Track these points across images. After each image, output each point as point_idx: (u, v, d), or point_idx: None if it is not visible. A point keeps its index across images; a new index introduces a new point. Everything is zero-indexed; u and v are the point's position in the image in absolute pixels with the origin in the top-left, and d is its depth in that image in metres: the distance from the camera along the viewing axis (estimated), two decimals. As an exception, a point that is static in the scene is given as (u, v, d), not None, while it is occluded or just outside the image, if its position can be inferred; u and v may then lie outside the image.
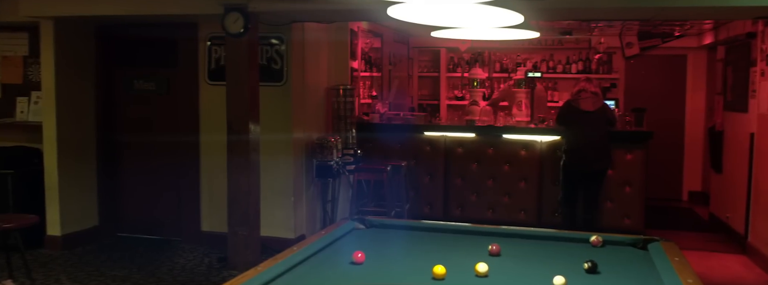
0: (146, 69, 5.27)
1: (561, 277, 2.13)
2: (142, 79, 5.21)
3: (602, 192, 5.37)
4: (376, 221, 3.09)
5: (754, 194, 4.94)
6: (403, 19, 1.68)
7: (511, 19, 1.73)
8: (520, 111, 6.02)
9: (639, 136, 5.50)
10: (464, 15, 1.76)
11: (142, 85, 5.20)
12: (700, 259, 5.07)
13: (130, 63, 5.32)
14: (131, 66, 5.31)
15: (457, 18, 1.82)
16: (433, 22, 1.77)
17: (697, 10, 3.98)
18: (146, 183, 5.34)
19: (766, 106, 4.70)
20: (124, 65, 5.33)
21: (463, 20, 1.83)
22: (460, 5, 1.52)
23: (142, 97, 5.28)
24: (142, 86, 5.21)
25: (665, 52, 7.41)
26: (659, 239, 2.80)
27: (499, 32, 2.19)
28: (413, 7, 1.63)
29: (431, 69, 8.26)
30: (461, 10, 1.67)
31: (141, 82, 5.19)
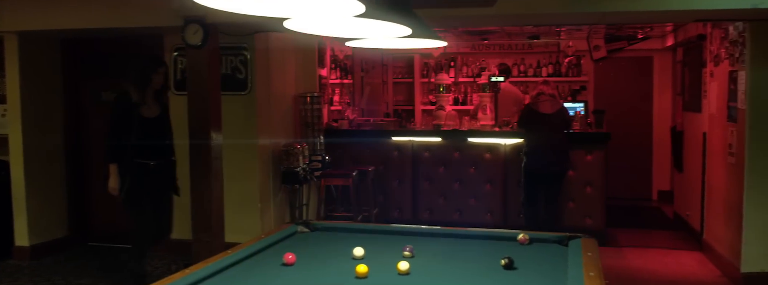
0: (113, 80, 5.38)
1: (405, 262, 2.36)
2: (109, 90, 5.33)
3: (563, 192, 5.49)
4: (319, 224, 3.21)
5: (707, 192, 5.07)
6: (302, 31, 1.80)
7: (398, 31, 1.85)
8: (485, 115, 6.15)
9: (599, 137, 5.62)
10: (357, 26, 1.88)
11: (110, 96, 5.30)
12: (658, 256, 5.19)
13: (97, 74, 5.46)
14: (98, 77, 5.45)
15: (352, 29, 1.94)
16: (331, 33, 1.89)
17: (639, 14, 4.10)
18: (116, 192, 5.45)
19: (716, 106, 4.83)
20: (91, 77, 5.46)
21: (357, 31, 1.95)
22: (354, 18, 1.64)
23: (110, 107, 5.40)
24: (109, 97, 5.32)
25: (632, 54, 7.56)
26: (581, 236, 2.91)
27: (409, 42, 2.31)
28: (311, 20, 1.76)
29: (406, 75, 8.40)
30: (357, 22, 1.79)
31: (108, 93, 5.31)
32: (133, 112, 4.04)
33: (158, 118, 4.20)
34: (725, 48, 4.59)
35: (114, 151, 4.05)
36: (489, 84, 6.18)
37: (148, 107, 4.12)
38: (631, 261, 5.09)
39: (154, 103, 4.17)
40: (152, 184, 4.16)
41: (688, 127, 5.89)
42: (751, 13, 3.85)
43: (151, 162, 4.11)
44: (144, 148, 4.09)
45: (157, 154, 4.20)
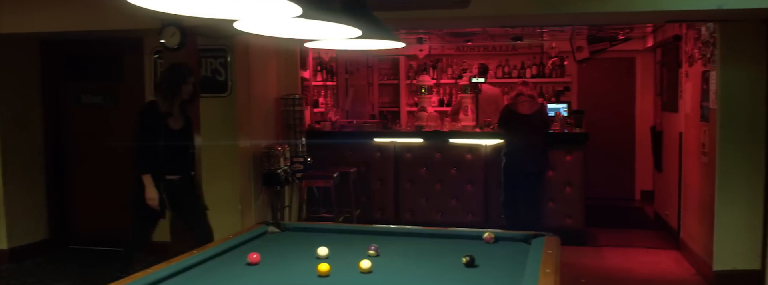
0: (94, 83, 5.43)
1: (368, 261, 2.38)
2: (89, 92, 5.36)
3: (542, 193, 5.54)
4: (290, 225, 3.24)
5: (683, 192, 5.12)
6: (252, 32, 1.83)
7: (349, 32, 1.88)
8: (467, 116, 6.19)
9: (577, 137, 5.67)
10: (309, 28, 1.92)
11: (90, 99, 5.35)
12: (636, 255, 5.24)
13: (77, 77, 5.48)
14: (79, 80, 5.47)
15: (303, 30, 1.97)
16: (281, 34, 1.92)
17: (610, 15, 4.16)
18: (97, 194, 5.47)
19: (690, 106, 4.88)
20: (71, 79, 5.48)
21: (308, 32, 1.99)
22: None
23: (91, 110, 5.44)
24: (90, 100, 5.36)
25: (615, 55, 7.62)
26: (545, 234, 2.94)
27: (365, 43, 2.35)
28: (260, 21, 1.79)
29: (391, 77, 8.44)
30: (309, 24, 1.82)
31: (89, 95, 5.34)
32: (160, 123, 3.87)
33: (183, 130, 4.01)
34: (698, 49, 4.64)
35: (146, 160, 3.88)
36: (469, 85, 6.22)
37: (175, 119, 3.94)
38: (608, 260, 5.14)
39: (180, 115, 3.98)
40: (175, 201, 3.98)
41: (666, 127, 5.95)
42: (719, 14, 3.90)
43: (175, 177, 3.96)
44: (170, 162, 3.94)
45: (181, 168, 4.04)
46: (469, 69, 7.61)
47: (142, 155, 3.89)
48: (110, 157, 5.40)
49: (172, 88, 3.88)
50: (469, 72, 7.05)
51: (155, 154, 3.87)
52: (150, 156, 3.88)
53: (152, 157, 3.88)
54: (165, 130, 3.88)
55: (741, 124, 4.09)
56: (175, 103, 3.92)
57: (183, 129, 4.02)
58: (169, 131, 3.90)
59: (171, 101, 3.89)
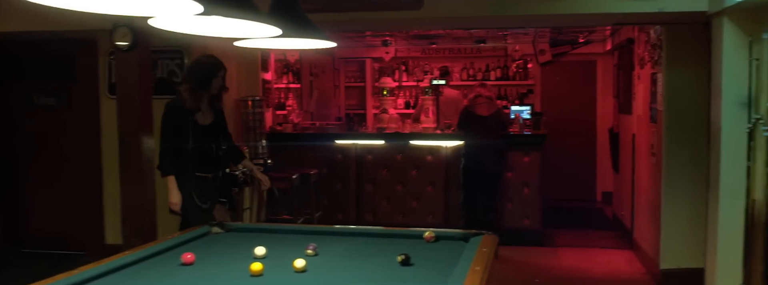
0: (46, 84, 5.35)
1: (302, 260, 2.38)
2: (42, 94, 5.28)
3: (500, 194, 5.59)
4: (233, 225, 3.22)
5: (636, 192, 5.21)
6: (168, 29, 1.83)
7: (268, 31, 1.88)
8: (428, 118, 6.23)
9: (535, 139, 5.73)
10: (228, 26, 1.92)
11: (43, 101, 5.27)
12: (591, 255, 5.31)
13: (29, 78, 5.40)
14: (30, 81, 5.39)
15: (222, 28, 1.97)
16: (197, 32, 1.92)
17: (560, 17, 4.23)
18: (50, 197, 5.39)
19: (642, 108, 4.97)
20: (23, 81, 5.39)
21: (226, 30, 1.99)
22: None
23: (43, 111, 5.35)
24: (42, 101, 5.28)
25: (576, 58, 7.73)
26: (483, 233, 2.97)
27: (296, 42, 2.35)
28: (176, 18, 1.78)
29: (358, 79, 8.45)
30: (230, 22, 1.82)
31: (41, 97, 5.26)
32: (187, 119, 3.63)
33: (212, 125, 3.78)
34: (648, 51, 4.74)
35: (171, 162, 3.63)
36: (430, 87, 6.26)
37: (203, 114, 3.71)
38: (564, 260, 5.20)
39: (209, 110, 3.75)
40: (210, 200, 3.78)
41: (622, 129, 6.05)
42: (663, 17, 3.99)
43: (209, 175, 3.74)
44: (201, 160, 3.70)
45: (213, 166, 3.80)
46: (430, 71, 7.65)
47: (166, 155, 3.65)
48: (63, 159, 5.33)
49: (201, 82, 3.64)
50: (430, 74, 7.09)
51: (182, 152, 3.63)
52: (174, 156, 3.63)
53: (178, 157, 3.63)
54: (193, 126, 3.65)
55: (685, 125, 4.17)
56: (203, 97, 3.68)
57: (213, 124, 3.78)
58: (198, 127, 3.66)
59: (199, 96, 3.65)
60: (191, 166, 3.66)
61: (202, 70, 3.69)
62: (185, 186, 3.66)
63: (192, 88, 3.65)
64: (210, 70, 3.70)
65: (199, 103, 3.67)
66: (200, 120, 3.69)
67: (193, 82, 3.66)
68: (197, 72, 3.70)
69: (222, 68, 3.77)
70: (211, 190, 3.78)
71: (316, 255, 2.66)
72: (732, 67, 3.31)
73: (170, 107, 3.71)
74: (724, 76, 3.34)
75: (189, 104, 3.65)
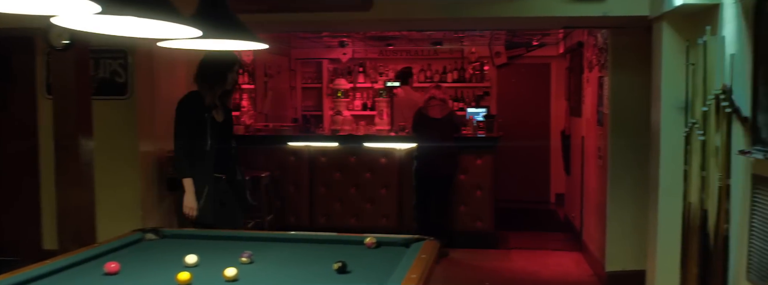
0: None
1: (233, 268, 2.29)
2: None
3: (452, 196, 5.58)
4: (168, 231, 3.11)
5: (585, 194, 5.26)
6: (75, 28, 1.73)
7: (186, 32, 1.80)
8: (382, 120, 6.18)
9: (488, 141, 5.75)
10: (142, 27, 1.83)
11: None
12: (542, 257, 5.34)
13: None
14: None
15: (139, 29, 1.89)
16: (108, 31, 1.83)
17: (509, 20, 4.24)
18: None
19: (590, 110, 5.02)
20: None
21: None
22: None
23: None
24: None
25: (532, 60, 7.81)
26: (425, 239, 2.93)
27: (226, 43, 2.27)
28: (82, 17, 1.69)
29: (315, 80, 8.36)
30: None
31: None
32: (204, 116, 3.46)
33: (225, 123, 3.61)
34: (596, 55, 4.79)
35: (189, 162, 3.44)
36: (385, 89, 6.22)
37: (217, 111, 3.55)
38: (515, 263, 5.22)
39: (221, 106, 3.59)
40: (226, 202, 3.59)
41: (573, 131, 6.12)
42: (607, 21, 4.03)
43: (223, 175, 3.56)
44: (218, 159, 3.52)
45: (228, 166, 3.62)
46: (385, 73, 7.62)
47: (184, 155, 3.45)
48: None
49: (217, 77, 3.47)
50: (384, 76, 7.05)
51: (202, 152, 3.46)
52: (192, 155, 3.44)
53: (198, 157, 3.45)
54: (211, 123, 3.47)
55: (629, 129, 4.23)
56: (217, 93, 3.52)
57: (225, 122, 3.61)
58: (215, 124, 3.49)
59: (217, 92, 3.49)
60: (209, 166, 3.48)
61: (218, 64, 3.52)
62: (203, 188, 3.47)
63: (210, 84, 3.47)
64: (226, 64, 3.53)
65: (215, 99, 3.51)
66: (216, 117, 3.53)
67: (210, 76, 3.49)
68: (213, 66, 3.52)
69: (237, 62, 3.64)
70: (226, 191, 3.61)
71: (250, 263, 2.58)
72: (670, 71, 3.35)
73: (187, 103, 3.54)
74: (663, 81, 3.39)
75: (207, 101, 3.48)
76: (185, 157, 3.47)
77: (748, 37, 2.59)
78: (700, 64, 2.96)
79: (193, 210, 3.50)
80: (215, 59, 3.55)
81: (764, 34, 2.44)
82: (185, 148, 3.48)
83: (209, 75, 3.51)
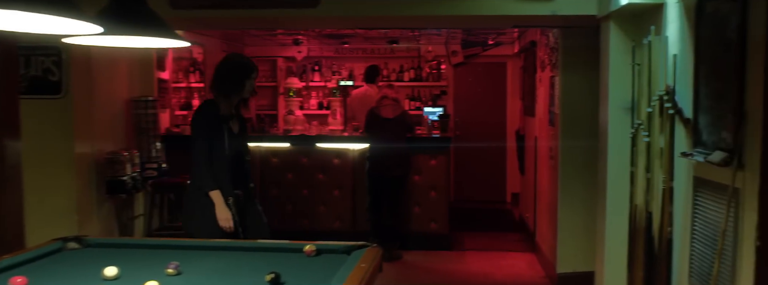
0: None
1: (154, 282, 2.14)
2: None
3: (408, 197, 5.49)
4: (92, 240, 2.92)
5: (538, 195, 5.23)
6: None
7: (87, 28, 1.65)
8: (335, 120, 6.05)
9: (442, 141, 5.67)
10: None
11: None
12: (496, 258, 5.29)
13: None
14: None
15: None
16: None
17: (459, 18, 4.15)
18: None
19: (543, 111, 4.99)
20: None
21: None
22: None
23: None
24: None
25: (488, 60, 7.78)
26: (368, 246, 2.82)
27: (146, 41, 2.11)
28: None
29: (269, 79, 8.16)
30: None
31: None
32: (222, 127, 3.23)
33: (241, 134, 3.38)
34: (548, 54, 4.75)
35: (213, 174, 3.19)
36: (339, 88, 6.08)
37: (234, 121, 3.32)
38: (469, 265, 5.15)
39: (236, 116, 3.36)
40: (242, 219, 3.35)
41: (527, 131, 6.10)
42: (558, 20, 3.98)
43: (240, 192, 3.34)
44: (234, 174, 3.29)
45: (244, 180, 3.40)
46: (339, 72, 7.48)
47: (207, 168, 3.20)
48: None
49: (235, 85, 3.23)
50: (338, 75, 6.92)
51: (221, 165, 3.22)
52: (214, 168, 3.21)
53: (219, 169, 3.21)
54: (228, 135, 3.24)
55: (580, 129, 4.20)
56: (233, 102, 3.29)
57: (241, 133, 3.38)
58: (232, 136, 3.26)
59: (233, 101, 3.27)
60: (226, 182, 3.24)
61: (236, 71, 3.29)
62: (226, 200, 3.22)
63: (227, 92, 3.24)
64: (244, 71, 3.30)
65: (231, 109, 3.28)
66: (233, 128, 3.30)
67: (227, 84, 3.24)
68: (231, 74, 3.28)
69: (255, 69, 3.40)
70: (242, 208, 3.36)
71: (177, 274, 2.42)
72: (617, 71, 3.32)
73: (204, 113, 3.29)
74: (610, 81, 3.35)
75: (223, 110, 3.24)
76: (208, 169, 3.22)
77: (689, 37, 2.55)
78: (645, 65, 2.92)
79: (229, 221, 3.24)
80: (232, 65, 3.34)
81: (705, 34, 2.40)
82: (205, 160, 3.23)
83: (226, 82, 3.26)
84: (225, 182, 3.24)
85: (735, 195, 2.11)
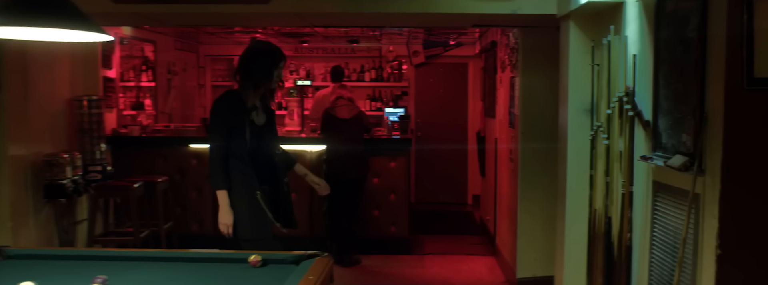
0: None
1: (30, 283, 2.04)
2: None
3: (364, 201, 5.33)
4: (13, 251, 2.67)
5: (498, 198, 5.14)
6: None
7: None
8: (292, 120, 5.86)
9: (402, 143, 5.54)
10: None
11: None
12: (456, 263, 5.18)
13: None
14: None
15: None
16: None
17: (416, 16, 4.02)
18: None
19: (503, 112, 4.90)
20: None
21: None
22: None
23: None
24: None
25: (450, 60, 7.70)
26: (319, 255, 2.65)
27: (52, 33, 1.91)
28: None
29: (226, 78, 7.91)
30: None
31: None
32: (244, 119, 3.01)
33: (266, 126, 3.15)
34: (508, 55, 4.67)
35: (224, 172, 2.98)
36: (296, 88, 5.89)
37: (258, 113, 3.09)
38: (429, 269, 5.04)
39: (262, 108, 3.13)
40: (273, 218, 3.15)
41: (487, 133, 6.02)
42: (518, 20, 3.89)
43: (266, 186, 3.13)
44: (260, 168, 3.08)
45: (271, 175, 3.19)
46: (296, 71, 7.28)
47: (219, 163, 2.98)
48: None
49: (264, 75, 3.02)
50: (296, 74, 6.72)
51: (241, 160, 3.01)
52: (235, 163, 3.00)
53: (242, 164, 3.00)
54: (251, 127, 3.02)
55: (539, 131, 4.12)
56: (260, 93, 3.07)
57: (266, 125, 3.14)
58: (255, 129, 3.04)
59: (259, 91, 3.05)
60: (249, 176, 3.03)
61: (266, 59, 3.08)
62: (246, 202, 3.01)
63: (255, 82, 3.02)
64: (273, 59, 3.09)
65: (256, 100, 3.06)
66: (256, 120, 3.07)
67: (255, 74, 3.03)
68: (259, 62, 3.06)
69: (284, 57, 3.19)
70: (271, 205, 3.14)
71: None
72: (577, 72, 3.23)
73: (223, 104, 3.07)
74: (569, 82, 3.27)
75: (249, 102, 3.03)
76: (220, 166, 3.00)
77: (649, 36, 2.47)
78: (605, 65, 2.84)
79: (228, 227, 3.06)
80: (261, 53, 3.12)
81: (665, 33, 2.31)
82: (221, 156, 3.01)
83: (254, 72, 3.04)
84: (250, 177, 3.03)
85: (695, 201, 2.02)
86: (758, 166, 1.88)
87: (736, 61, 1.87)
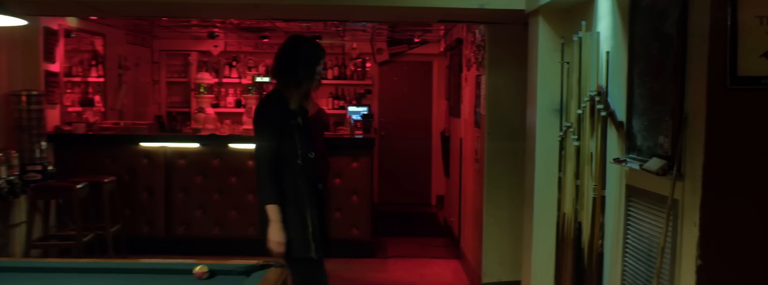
0: None
1: None
2: None
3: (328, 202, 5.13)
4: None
5: (463, 199, 5.02)
6: None
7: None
8: (249, 118, 5.61)
9: (365, 142, 5.36)
10: None
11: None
12: (419, 266, 5.03)
13: None
14: None
15: None
16: None
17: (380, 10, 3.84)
18: None
19: (468, 111, 4.77)
20: None
21: None
22: None
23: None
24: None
25: (414, 58, 7.55)
26: (272, 266, 2.45)
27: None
28: None
29: (181, 74, 7.59)
30: None
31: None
32: (290, 123, 2.73)
33: (306, 127, 2.86)
34: (474, 52, 4.53)
35: (275, 183, 2.67)
36: (254, 85, 5.65)
37: (302, 116, 2.85)
38: (392, 273, 4.87)
39: (302, 108, 2.86)
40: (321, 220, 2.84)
41: (452, 133, 5.89)
42: (486, 15, 3.76)
43: (320, 185, 2.87)
44: (311, 178, 2.79)
45: (322, 176, 2.92)
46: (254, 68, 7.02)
47: (269, 176, 2.67)
48: None
49: (308, 72, 2.74)
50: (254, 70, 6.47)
51: (293, 169, 2.71)
52: (288, 173, 2.69)
53: (296, 174, 2.70)
54: (298, 131, 2.74)
55: (506, 131, 3.99)
56: (303, 92, 2.80)
57: (305, 126, 2.85)
58: (301, 132, 2.76)
59: (303, 90, 2.78)
60: (304, 185, 2.73)
61: (308, 55, 2.77)
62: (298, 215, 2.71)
63: (298, 81, 2.73)
64: (316, 54, 2.80)
65: (300, 101, 2.78)
66: (301, 122, 2.79)
67: (301, 72, 2.74)
68: (302, 58, 2.75)
69: (325, 53, 2.90)
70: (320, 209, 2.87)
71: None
72: (546, 70, 3.11)
73: (274, 107, 2.75)
74: (538, 80, 3.14)
75: (293, 104, 2.74)
76: (269, 177, 2.69)
77: (623, 32, 2.35)
78: (576, 63, 2.71)
79: (280, 245, 2.73)
80: (303, 49, 2.81)
81: (640, 29, 2.19)
82: (271, 165, 2.70)
83: (299, 70, 2.75)
84: (303, 189, 2.73)
85: (674, 208, 1.90)
86: (742, 171, 1.76)
87: (718, 59, 1.74)
